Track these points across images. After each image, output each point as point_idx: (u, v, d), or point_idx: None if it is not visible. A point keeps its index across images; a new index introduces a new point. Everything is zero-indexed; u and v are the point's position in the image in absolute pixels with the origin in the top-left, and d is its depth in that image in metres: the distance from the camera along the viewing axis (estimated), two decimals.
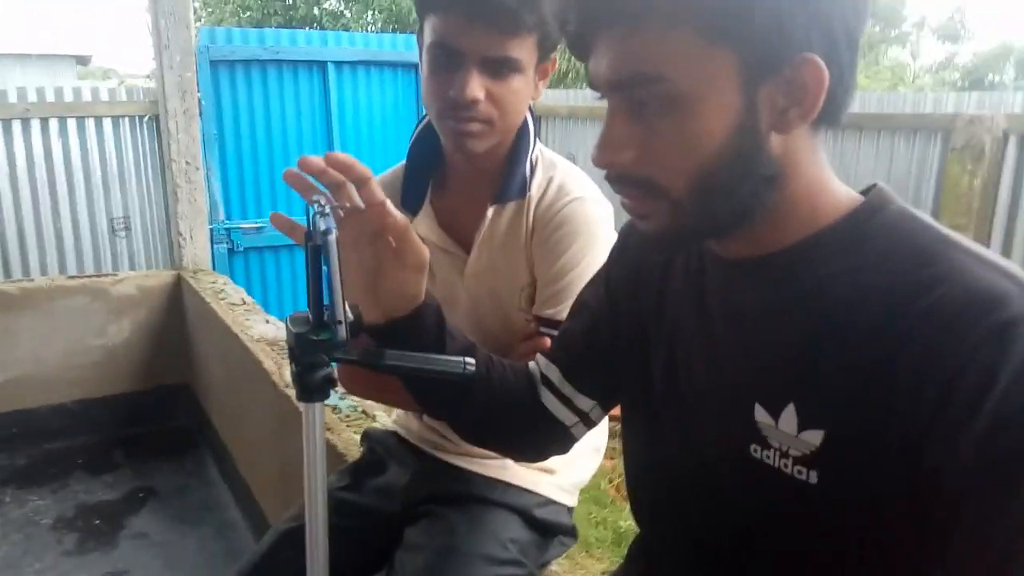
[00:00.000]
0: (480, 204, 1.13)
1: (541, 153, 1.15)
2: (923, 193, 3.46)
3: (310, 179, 0.78)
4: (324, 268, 0.78)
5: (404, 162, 1.21)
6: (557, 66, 1.12)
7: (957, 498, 0.53)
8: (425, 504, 1.19)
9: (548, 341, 1.05)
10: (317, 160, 0.76)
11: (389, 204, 0.78)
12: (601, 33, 0.62)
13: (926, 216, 0.63)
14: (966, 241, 0.59)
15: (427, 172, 1.18)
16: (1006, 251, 3.18)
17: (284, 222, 0.79)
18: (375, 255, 0.80)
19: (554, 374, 0.89)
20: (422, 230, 1.16)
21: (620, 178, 0.64)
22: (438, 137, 1.11)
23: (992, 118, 3.16)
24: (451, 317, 1.20)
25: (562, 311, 1.05)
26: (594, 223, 1.09)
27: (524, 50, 0.99)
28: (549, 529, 1.20)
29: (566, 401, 0.88)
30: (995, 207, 3.23)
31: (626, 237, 0.88)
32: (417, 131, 1.18)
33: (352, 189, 0.77)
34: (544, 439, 0.93)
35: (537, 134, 1.15)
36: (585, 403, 0.88)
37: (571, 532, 1.24)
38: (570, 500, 1.26)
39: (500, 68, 0.99)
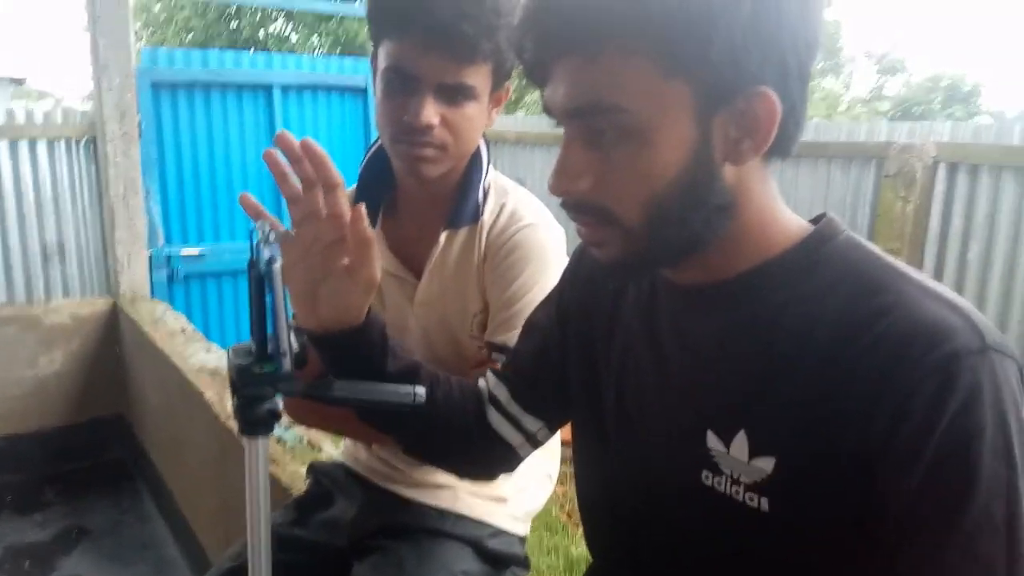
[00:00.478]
0: (431, 230, 1.12)
1: (495, 179, 1.15)
2: (859, 218, 3.58)
3: (261, 206, 0.76)
4: (268, 297, 0.76)
5: (354, 186, 1.20)
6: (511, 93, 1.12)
7: (903, 527, 0.54)
8: (374, 538, 1.16)
9: (499, 367, 1.04)
10: (294, 141, 0.73)
11: (364, 213, 0.75)
12: (558, 61, 0.62)
13: (874, 246, 0.64)
14: (913, 272, 0.60)
15: (378, 196, 1.17)
16: (937, 274, 3.30)
17: (251, 205, 0.75)
18: (325, 265, 0.78)
19: (502, 393, 0.89)
20: None
21: (576, 206, 0.64)
22: (389, 161, 1.10)
23: (923, 146, 3.30)
24: (405, 342, 1.19)
25: (513, 337, 1.03)
26: (546, 249, 1.09)
27: (479, 77, 1.00)
28: (501, 560, 1.18)
29: (513, 421, 0.88)
30: (927, 232, 3.36)
31: (578, 260, 0.88)
32: (368, 155, 1.17)
33: (319, 193, 0.75)
34: (489, 458, 0.92)
35: (490, 160, 1.15)
36: (532, 424, 0.88)
37: (523, 563, 1.23)
38: (522, 529, 1.24)
39: (455, 95, 0.99)
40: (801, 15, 0.58)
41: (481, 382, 0.93)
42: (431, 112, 0.98)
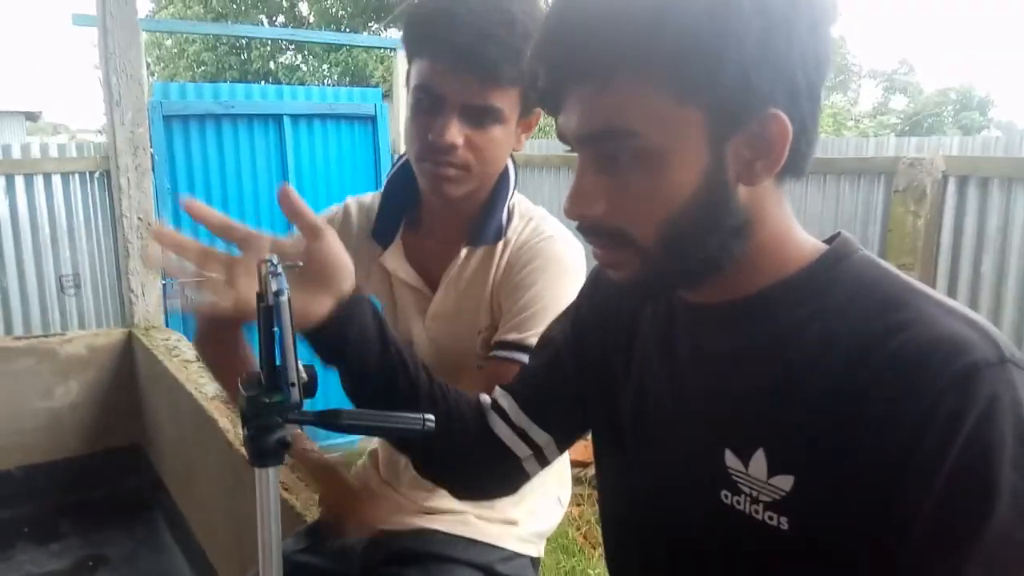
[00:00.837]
0: (452, 246, 1.14)
1: (519, 201, 1.16)
2: (870, 234, 3.56)
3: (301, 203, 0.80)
4: (276, 329, 0.77)
5: (378, 193, 1.22)
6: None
7: (922, 542, 0.54)
8: (385, 566, 1.16)
9: (506, 368, 1.03)
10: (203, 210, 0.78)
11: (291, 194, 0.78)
12: (571, 89, 0.62)
13: (890, 265, 0.64)
14: (930, 290, 0.60)
15: (401, 208, 1.18)
16: (951, 288, 3.27)
17: (290, 203, 0.80)
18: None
19: (509, 404, 0.88)
20: (390, 264, 1.17)
21: (591, 229, 0.65)
22: (415, 175, 1.11)
23: (932, 160, 3.29)
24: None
25: (527, 337, 1.04)
26: (564, 260, 1.10)
27: (506, 101, 1.01)
28: None
29: (520, 433, 0.87)
30: (939, 246, 3.34)
31: (596, 278, 0.88)
32: (395, 167, 1.19)
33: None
34: (493, 471, 0.90)
35: (517, 183, 1.16)
36: (541, 436, 0.87)
37: None
38: (534, 551, 1.24)
39: (481, 117, 1.01)
40: (810, 34, 0.59)
41: (482, 396, 0.92)
42: (455, 132, 1.00)
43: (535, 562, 1.24)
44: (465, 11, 0.95)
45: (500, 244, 1.12)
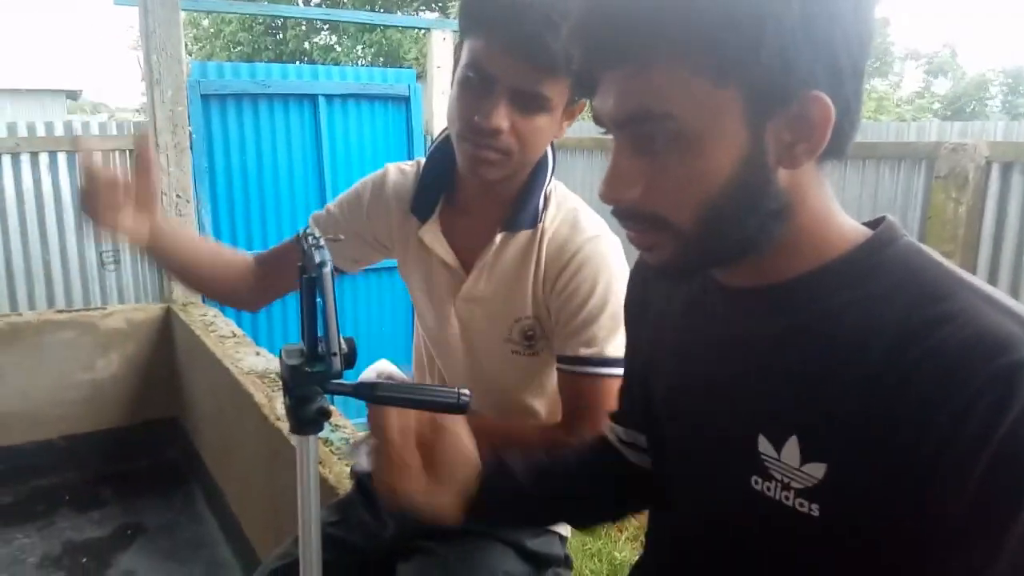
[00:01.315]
0: (487, 227, 1.13)
1: (555, 187, 1.16)
2: (909, 220, 3.50)
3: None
4: (319, 300, 0.78)
5: (421, 162, 1.22)
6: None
7: (954, 537, 0.54)
8: (416, 540, 1.18)
9: (591, 382, 1.08)
10: None
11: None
12: (606, 71, 0.62)
13: (935, 253, 0.63)
14: (976, 281, 0.59)
15: (441, 184, 1.18)
16: (992, 277, 3.21)
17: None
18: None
19: (624, 434, 0.90)
20: (428, 239, 1.17)
21: (627, 212, 0.64)
22: (454, 153, 1.10)
23: (975, 146, 3.22)
24: (441, 334, 1.21)
25: (603, 350, 1.08)
26: (612, 263, 1.10)
27: (556, 89, 0.99)
28: (543, 560, 1.19)
29: (637, 448, 0.89)
30: (980, 234, 3.27)
31: (634, 276, 0.89)
32: (437, 141, 1.19)
33: None
34: (644, 493, 0.90)
35: (555, 168, 1.15)
36: (644, 440, 0.88)
37: (565, 563, 1.23)
38: (564, 529, 1.25)
39: (529, 103, 0.99)
40: (853, 13, 0.58)
41: (608, 435, 0.93)
42: (502, 116, 0.98)
43: (563, 539, 1.26)
44: None
45: (537, 232, 1.12)
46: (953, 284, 0.58)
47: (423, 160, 1.22)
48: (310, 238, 0.81)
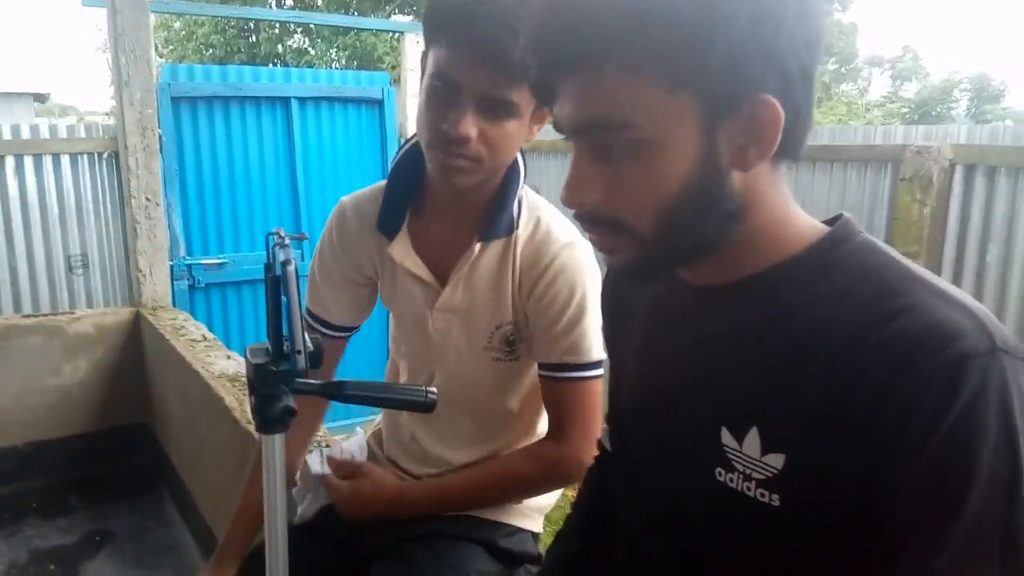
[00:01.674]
0: (460, 237, 1.13)
1: (526, 193, 1.16)
2: (876, 222, 3.55)
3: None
4: (283, 298, 0.78)
5: (380, 183, 1.21)
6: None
7: (904, 524, 0.55)
8: (389, 541, 1.18)
9: (574, 386, 1.12)
10: None
11: None
12: (563, 79, 0.63)
13: (891, 249, 0.65)
14: (930, 276, 0.61)
15: (407, 196, 1.17)
16: (956, 277, 3.27)
17: None
18: None
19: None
20: (397, 255, 1.16)
21: (588, 217, 0.66)
22: (422, 162, 1.10)
23: (939, 148, 3.28)
24: (421, 346, 1.21)
25: (583, 356, 1.11)
26: (587, 268, 1.12)
27: (523, 95, 0.99)
28: (515, 558, 1.20)
29: None
30: (944, 235, 3.33)
31: (605, 279, 0.91)
32: (400, 154, 1.18)
33: None
34: None
35: (526, 174, 1.16)
36: None
37: (537, 560, 1.24)
38: (535, 526, 1.26)
39: (497, 110, 0.99)
40: (800, 18, 0.59)
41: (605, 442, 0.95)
42: (469, 124, 0.98)
43: (536, 536, 1.27)
44: (490, 3, 0.94)
45: (512, 239, 1.12)
46: (905, 280, 0.60)
47: (384, 182, 1.21)
48: (275, 236, 0.82)
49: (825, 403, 0.59)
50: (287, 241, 0.82)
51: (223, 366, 2.47)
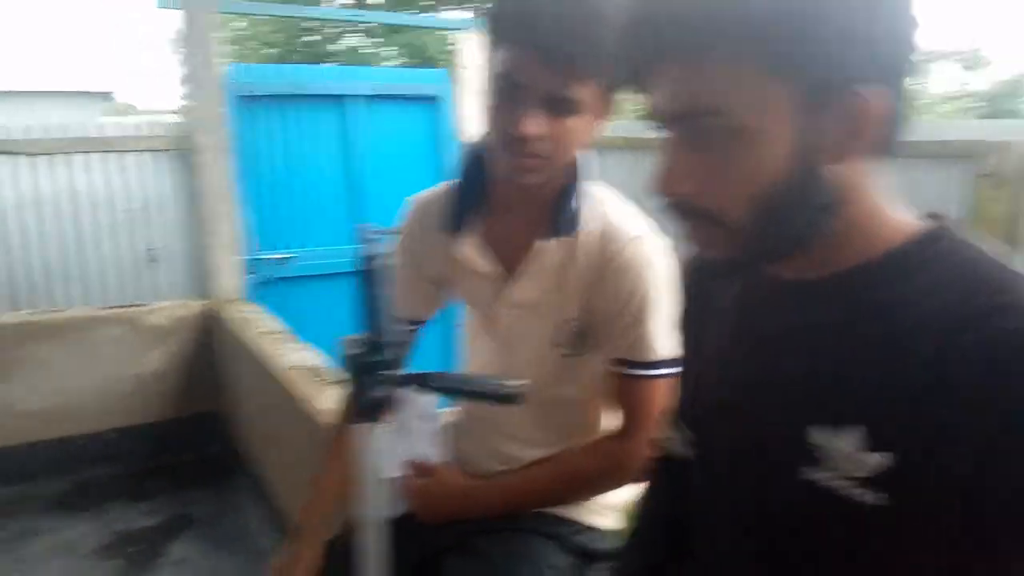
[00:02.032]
0: (527, 233, 1.15)
1: (593, 188, 1.16)
2: None
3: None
4: (377, 292, 0.81)
5: (445, 183, 1.24)
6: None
7: (1011, 525, 0.54)
8: (463, 536, 1.20)
9: (644, 384, 1.12)
10: None
11: None
12: (661, 67, 0.63)
13: (988, 245, 0.63)
14: None
15: (474, 194, 1.19)
16: None
17: None
18: None
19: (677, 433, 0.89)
20: (465, 254, 1.18)
21: (679, 207, 0.66)
22: (487, 160, 1.12)
23: (1016, 144, 3.16)
24: (490, 342, 1.22)
25: (656, 352, 1.10)
26: (658, 263, 1.11)
27: (587, 92, 1.00)
28: (588, 555, 1.20)
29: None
30: (1022, 234, 3.21)
31: (683, 274, 0.91)
32: (464, 157, 1.20)
33: None
34: None
35: (593, 171, 1.16)
36: None
37: (609, 557, 1.24)
38: (608, 522, 1.26)
39: (561, 107, 1.00)
40: (903, 10, 0.59)
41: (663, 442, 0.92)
42: (535, 123, 1.00)
43: (608, 533, 1.26)
44: (553, 3, 0.95)
45: (578, 235, 1.13)
46: (1009, 277, 0.59)
47: (450, 181, 1.23)
48: (368, 231, 0.84)
49: (928, 399, 0.57)
50: (380, 236, 0.84)
51: (293, 358, 2.53)
